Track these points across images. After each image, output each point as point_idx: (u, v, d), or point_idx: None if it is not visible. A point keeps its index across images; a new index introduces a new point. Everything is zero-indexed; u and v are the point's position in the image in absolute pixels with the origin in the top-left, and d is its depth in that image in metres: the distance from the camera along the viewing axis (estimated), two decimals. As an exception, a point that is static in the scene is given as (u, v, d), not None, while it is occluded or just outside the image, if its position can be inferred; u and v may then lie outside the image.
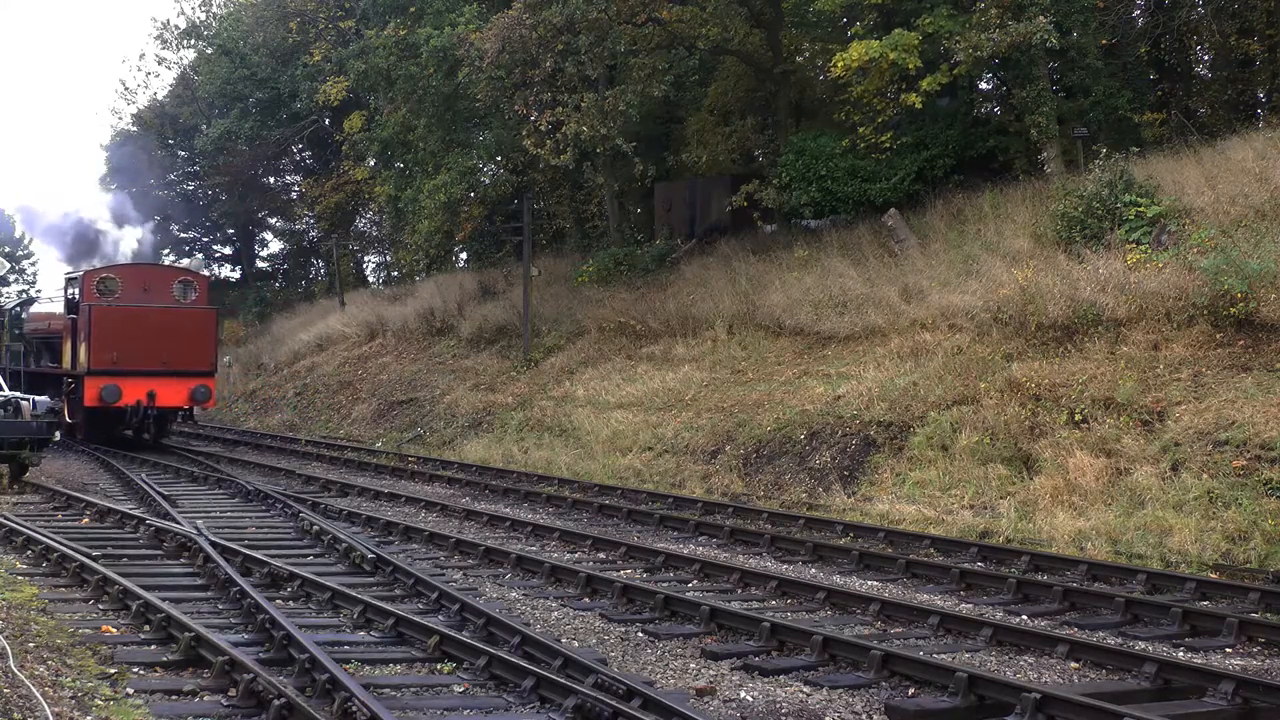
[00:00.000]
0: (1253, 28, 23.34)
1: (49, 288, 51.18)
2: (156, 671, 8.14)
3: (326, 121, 42.39)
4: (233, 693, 7.60)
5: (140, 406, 23.89)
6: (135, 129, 49.71)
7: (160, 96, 50.38)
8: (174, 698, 7.60)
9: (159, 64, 49.60)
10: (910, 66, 21.46)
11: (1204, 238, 16.89)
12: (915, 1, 23.01)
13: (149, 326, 24.12)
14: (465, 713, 7.47)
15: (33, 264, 66.05)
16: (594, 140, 25.10)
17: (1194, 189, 18.38)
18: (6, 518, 13.64)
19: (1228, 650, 9.39)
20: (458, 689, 7.94)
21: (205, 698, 7.61)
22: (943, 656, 8.77)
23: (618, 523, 15.79)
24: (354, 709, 6.89)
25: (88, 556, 11.39)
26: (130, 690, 7.58)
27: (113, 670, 7.95)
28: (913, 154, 23.46)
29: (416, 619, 9.32)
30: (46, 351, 26.97)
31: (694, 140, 28.85)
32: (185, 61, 47.62)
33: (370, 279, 45.83)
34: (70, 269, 30.20)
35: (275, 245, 52.28)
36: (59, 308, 27.06)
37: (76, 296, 25.49)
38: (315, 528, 13.88)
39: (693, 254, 26.74)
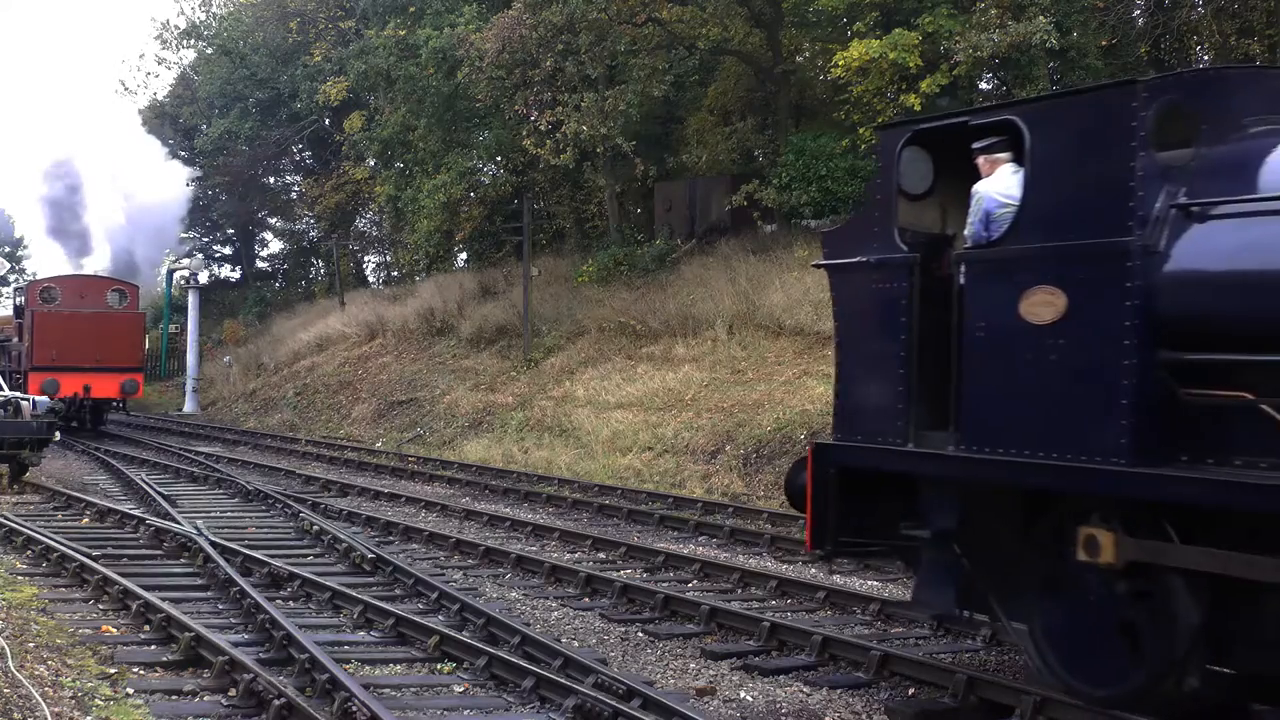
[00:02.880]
0: (1253, 28, 23.33)
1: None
2: (156, 671, 8.13)
3: (326, 121, 42.36)
4: (233, 692, 7.60)
5: (77, 398, 27.19)
6: (135, 129, 49.69)
7: (160, 96, 50.38)
8: (174, 698, 7.60)
9: (159, 64, 49.55)
10: (911, 66, 21.46)
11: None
12: (916, 1, 23.01)
13: (84, 329, 27.80)
14: (465, 712, 7.47)
15: (31, 261, 66.04)
16: (594, 140, 25.10)
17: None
18: (6, 518, 13.63)
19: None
20: (458, 689, 7.95)
21: (205, 698, 7.61)
22: (943, 656, 8.77)
23: (618, 523, 15.79)
24: (354, 709, 6.90)
25: (88, 556, 11.39)
26: (130, 690, 7.58)
27: (113, 670, 7.94)
28: (913, 154, 23.42)
29: (416, 619, 9.32)
30: (2, 352, 30.36)
31: (694, 140, 28.85)
32: (185, 61, 47.61)
33: (370, 279, 45.79)
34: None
35: (275, 245, 52.29)
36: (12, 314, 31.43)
37: (22, 303, 29.56)
38: (315, 528, 13.88)
39: (693, 254, 26.74)
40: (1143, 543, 6.67)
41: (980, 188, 7.54)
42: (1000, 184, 7.44)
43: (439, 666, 8.49)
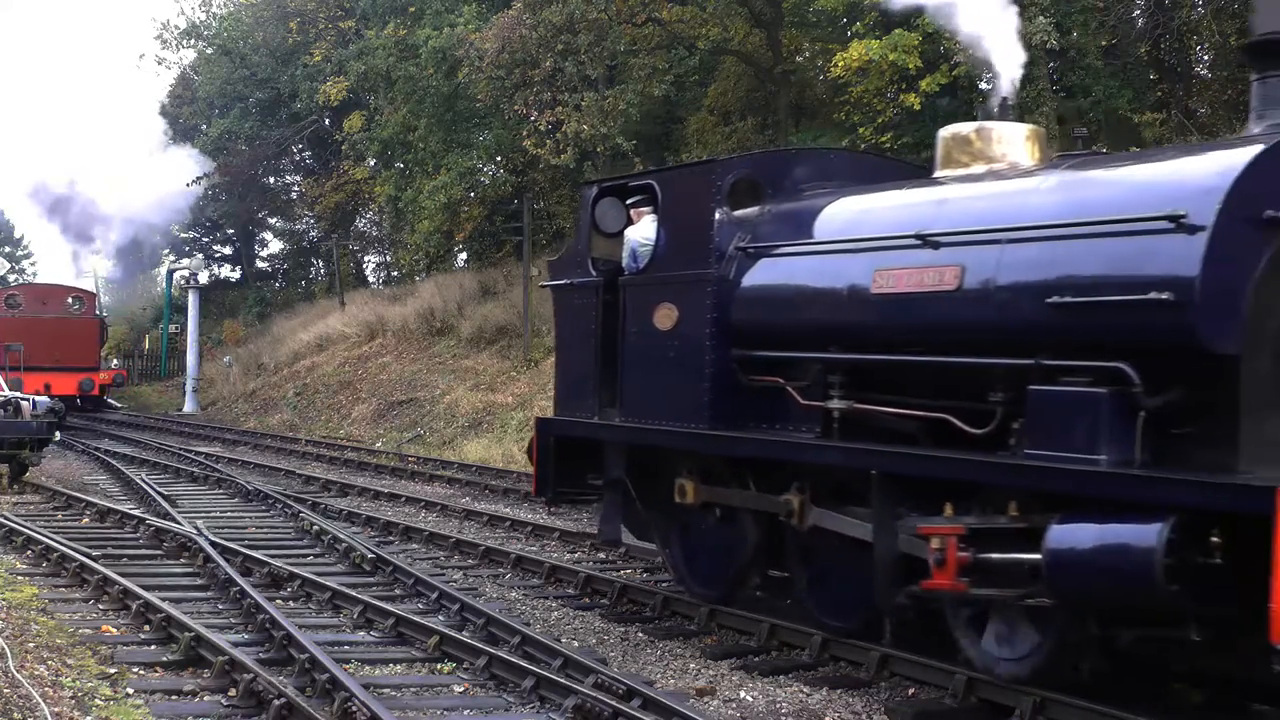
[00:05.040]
0: (1253, 28, 23.31)
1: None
2: (156, 671, 8.13)
3: (326, 121, 42.33)
4: (233, 692, 7.60)
5: (38, 395, 28.44)
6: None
7: (160, 97, 50.37)
8: (174, 698, 7.60)
9: (159, 64, 49.43)
10: (910, 67, 21.43)
11: (1204, 238, 16.83)
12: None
13: (45, 332, 30.38)
14: (465, 712, 7.47)
15: (32, 264, 66.10)
16: (594, 140, 25.08)
17: (1194, 189, 18.32)
18: (6, 518, 13.62)
19: (1228, 650, 9.37)
20: (458, 689, 7.95)
21: (205, 698, 7.61)
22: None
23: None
24: (354, 709, 6.90)
25: (88, 556, 11.39)
26: (130, 690, 7.58)
27: (113, 670, 7.94)
28: (913, 154, 23.42)
29: (416, 619, 9.32)
30: None
31: (694, 140, 28.83)
32: (185, 61, 47.58)
33: (370, 279, 45.78)
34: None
35: (275, 245, 52.24)
36: None
37: None
38: (315, 527, 13.88)
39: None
40: (711, 488, 9.61)
41: (629, 232, 10.32)
42: (643, 230, 10.13)
43: (439, 666, 8.49)
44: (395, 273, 44.10)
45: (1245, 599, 6.08)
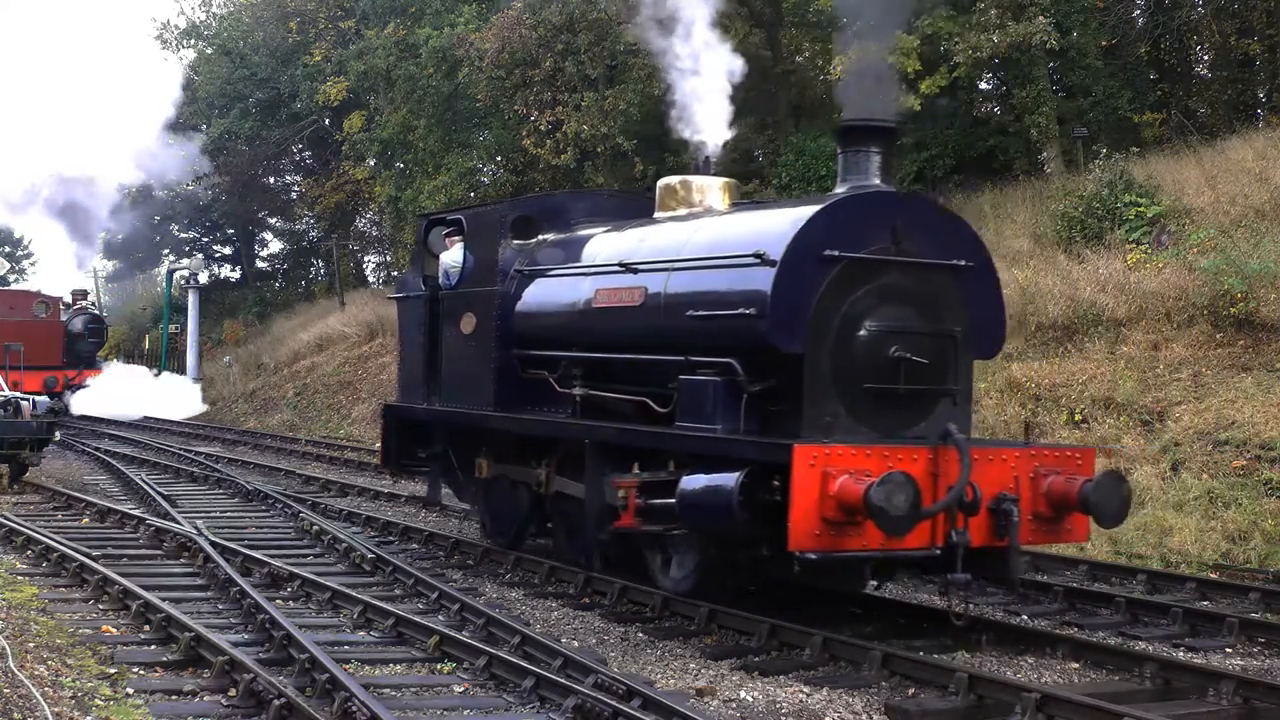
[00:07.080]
0: (1253, 28, 23.34)
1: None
2: (156, 671, 8.13)
3: (326, 121, 42.30)
4: (232, 692, 7.60)
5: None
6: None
7: (161, 87, 50.17)
8: (174, 698, 7.60)
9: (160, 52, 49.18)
10: (909, 70, 21.42)
11: (1204, 238, 16.89)
12: (915, 1, 22.95)
13: (12, 334, 32.24)
14: (465, 713, 7.47)
15: (33, 264, 66.07)
16: (594, 140, 25.08)
17: (1194, 189, 18.37)
18: (6, 518, 13.62)
19: (1228, 650, 9.39)
20: (457, 689, 7.95)
21: (205, 698, 7.61)
22: (943, 656, 8.77)
23: (618, 523, 15.75)
24: (354, 709, 6.90)
25: (88, 556, 11.38)
26: (130, 690, 7.58)
27: (113, 670, 7.94)
28: (913, 154, 23.43)
29: (416, 619, 9.32)
30: None
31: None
32: (185, 61, 47.52)
33: (370, 279, 45.75)
34: None
35: (275, 245, 52.18)
36: None
37: None
38: (315, 527, 13.88)
39: (692, 254, 26.70)
40: (495, 464, 12.27)
41: (443, 256, 12.94)
42: (454, 255, 12.73)
43: (439, 666, 8.49)
44: (395, 273, 44.06)
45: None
